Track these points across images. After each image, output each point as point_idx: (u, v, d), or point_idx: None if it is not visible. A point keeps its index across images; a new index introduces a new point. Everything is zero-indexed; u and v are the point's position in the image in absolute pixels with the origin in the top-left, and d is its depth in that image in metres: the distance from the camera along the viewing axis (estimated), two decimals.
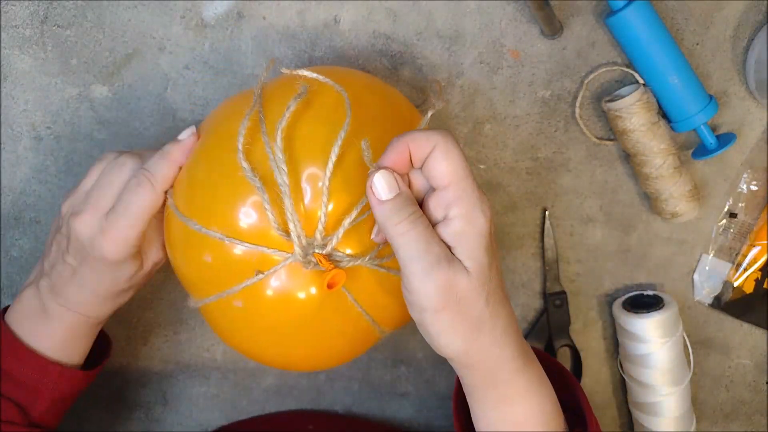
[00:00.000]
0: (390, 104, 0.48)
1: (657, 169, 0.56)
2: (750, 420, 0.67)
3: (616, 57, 0.57)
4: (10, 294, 0.63)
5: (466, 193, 0.38)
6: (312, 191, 0.43)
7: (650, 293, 0.62)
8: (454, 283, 0.37)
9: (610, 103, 0.55)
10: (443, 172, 0.38)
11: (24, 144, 0.59)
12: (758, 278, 0.62)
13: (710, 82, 0.58)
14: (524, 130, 0.59)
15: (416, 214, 0.38)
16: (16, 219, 0.61)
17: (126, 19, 0.56)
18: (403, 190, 0.39)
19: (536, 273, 0.63)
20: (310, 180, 0.43)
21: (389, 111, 0.47)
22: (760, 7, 0.56)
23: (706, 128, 0.56)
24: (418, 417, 0.67)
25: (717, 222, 0.61)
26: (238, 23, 0.56)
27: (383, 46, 0.57)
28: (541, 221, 0.61)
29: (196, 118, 0.58)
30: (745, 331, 0.64)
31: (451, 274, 0.37)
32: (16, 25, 0.56)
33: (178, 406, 0.66)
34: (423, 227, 0.38)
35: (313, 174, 0.43)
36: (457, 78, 0.58)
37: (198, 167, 0.46)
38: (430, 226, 0.39)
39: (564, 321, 0.63)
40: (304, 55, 0.57)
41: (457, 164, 0.38)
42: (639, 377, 0.60)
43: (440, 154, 0.38)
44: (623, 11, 0.52)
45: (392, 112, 0.48)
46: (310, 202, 0.43)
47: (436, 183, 0.39)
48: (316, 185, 0.43)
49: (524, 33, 0.56)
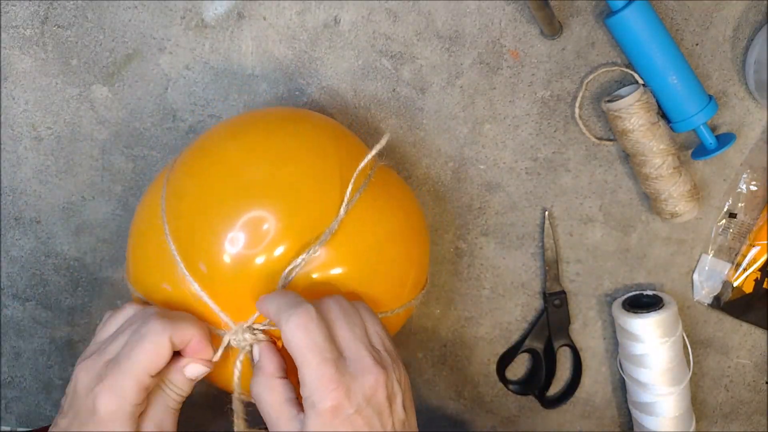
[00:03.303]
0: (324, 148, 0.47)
1: (656, 169, 0.56)
2: (750, 420, 0.67)
3: (616, 57, 0.57)
4: (10, 294, 0.63)
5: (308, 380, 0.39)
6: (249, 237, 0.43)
7: (650, 293, 0.62)
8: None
9: (610, 104, 0.55)
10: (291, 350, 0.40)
11: (24, 144, 0.59)
12: (758, 278, 0.62)
13: (710, 83, 0.58)
14: (524, 130, 0.59)
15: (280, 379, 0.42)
16: (16, 219, 0.61)
17: (126, 19, 0.56)
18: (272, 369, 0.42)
19: (536, 273, 0.63)
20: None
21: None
22: (760, 7, 0.56)
23: (705, 128, 0.56)
24: (418, 417, 0.67)
25: (716, 222, 0.61)
26: (238, 23, 0.56)
27: (383, 46, 0.57)
28: (540, 221, 0.61)
29: (196, 119, 0.58)
30: (744, 331, 0.64)
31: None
32: (16, 25, 0.56)
33: None
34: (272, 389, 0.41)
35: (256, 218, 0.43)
36: (457, 78, 0.58)
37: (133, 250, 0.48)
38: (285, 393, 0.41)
39: (564, 321, 0.63)
40: (304, 56, 0.57)
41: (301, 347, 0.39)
42: (638, 377, 0.61)
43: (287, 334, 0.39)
44: (623, 11, 0.52)
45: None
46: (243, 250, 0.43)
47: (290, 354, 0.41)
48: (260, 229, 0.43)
49: (524, 33, 0.56)
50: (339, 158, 0.45)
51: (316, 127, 0.48)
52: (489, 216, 0.61)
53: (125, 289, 0.63)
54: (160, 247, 0.45)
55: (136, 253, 0.47)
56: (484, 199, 0.61)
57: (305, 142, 0.46)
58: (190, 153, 0.48)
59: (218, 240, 0.43)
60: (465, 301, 0.64)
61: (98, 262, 0.62)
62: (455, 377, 0.66)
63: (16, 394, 0.67)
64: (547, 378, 0.64)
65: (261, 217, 0.43)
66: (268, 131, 0.47)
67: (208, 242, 0.43)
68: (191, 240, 0.43)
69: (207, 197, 0.44)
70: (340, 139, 0.48)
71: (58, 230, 0.61)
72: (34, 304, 0.64)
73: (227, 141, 0.47)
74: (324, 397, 0.38)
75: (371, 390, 0.40)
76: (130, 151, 0.59)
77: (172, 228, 0.44)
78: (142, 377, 0.41)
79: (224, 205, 0.43)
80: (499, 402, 0.67)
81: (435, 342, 0.65)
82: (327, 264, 0.44)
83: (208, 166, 0.45)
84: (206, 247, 0.43)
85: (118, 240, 0.62)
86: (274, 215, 0.43)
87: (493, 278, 0.63)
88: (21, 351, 0.66)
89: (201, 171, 0.46)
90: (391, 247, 0.47)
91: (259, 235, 0.43)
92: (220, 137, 0.48)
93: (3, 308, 0.64)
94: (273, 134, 0.47)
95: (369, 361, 0.40)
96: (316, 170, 0.45)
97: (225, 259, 0.43)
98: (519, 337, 0.65)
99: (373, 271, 0.46)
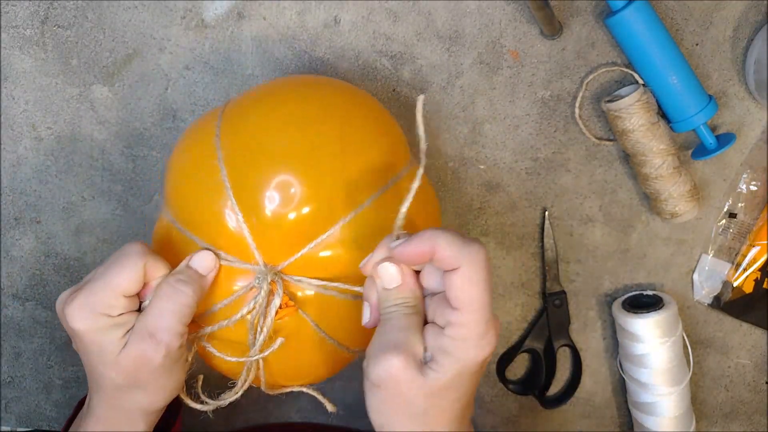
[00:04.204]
0: (377, 121, 0.48)
1: (656, 169, 0.56)
2: (750, 420, 0.67)
3: (616, 57, 0.57)
4: (10, 294, 0.63)
5: (470, 325, 0.37)
6: (282, 197, 0.43)
7: (650, 293, 0.62)
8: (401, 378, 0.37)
9: (610, 104, 0.55)
10: (459, 297, 0.37)
11: (24, 144, 0.59)
12: (758, 278, 0.62)
13: (710, 83, 0.58)
14: (524, 130, 0.59)
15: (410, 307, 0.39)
16: (16, 219, 0.61)
17: (126, 19, 0.56)
18: (406, 282, 0.39)
19: (536, 273, 0.63)
20: (280, 187, 0.43)
21: (375, 128, 0.47)
22: (760, 7, 0.56)
23: (705, 128, 0.56)
24: None
25: (716, 222, 0.61)
26: (238, 23, 0.56)
27: (383, 46, 0.57)
28: (540, 221, 0.61)
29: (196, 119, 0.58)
30: (744, 331, 0.64)
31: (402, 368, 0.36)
32: (16, 25, 0.56)
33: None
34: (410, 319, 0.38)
35: (285, 181, 0.43)
36: (457, 78, 0.58)
37: (181, 181, 0.47)
38: (419, 322, 0.38)
39: (564, 321, 0.63)
40: (304, 56, 0.57)
41: (475, 295, 0.36)
42: (638, 377, 0.61)
43: (464, 278, 0.36)
44: (623, 11, 0.52)
45: (379, 131, 0.47)
46: (278, 208, 0.44)
47: (450, 295, 0.37)
48: (288, 192, 0.43)
49: (524, 33, 0.56)
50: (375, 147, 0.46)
51: (344, 92, 0.49)
52: (489, 216, 0.61)
53: None
54: (214, 185, 0.45)
55: (185, 185, 0.47)
56: (484, 199, 0.61)
57: (330, 109, 0.47)
58: (247, 101, 0.48)
59: (261, 194, 0.43)
60: None
61: (98, 262, 0.62)
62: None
63: (16, 394, 0.67)
64: (547, 378, 0.64)
65: (288, 182, 0.43)
66: (294, 98, 0.48)
67: (254, 194, 0.44)
68: (244, 185, 0.44)
69: (255, 152, 0.44)
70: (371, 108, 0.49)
71: (58, 230, 0.61)
72: (34, 304, 0.64)
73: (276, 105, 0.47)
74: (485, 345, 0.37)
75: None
76: (130, 151, 0.59)
77: (228, 170, 0.45)
78: (115, 293, 0.41)
79: (259, 167, 0.44)
80: (499, 402, 0.67)
81: None
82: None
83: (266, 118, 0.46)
84: (252, 199, 0.44)
85: (118, 240, 0.62)
86: (298, 180, 0.43)
87: (494, 278, 0.63)
88: (21, 351, 0.66)
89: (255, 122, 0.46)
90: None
91: (288, 197, 0.43)
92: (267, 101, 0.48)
93: (3, 308, 0.64)
94: (302, 101, 0.47)
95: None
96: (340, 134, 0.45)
97: (266, 212, 0.43)
98: (519, 337, 0.65)
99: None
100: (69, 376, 0.66)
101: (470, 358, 0.37)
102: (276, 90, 0.48)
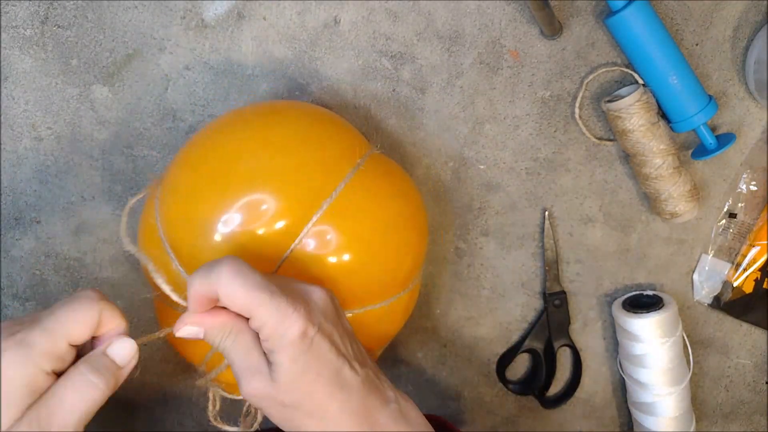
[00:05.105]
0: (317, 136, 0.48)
1: (656, 170, 0.56)
2: (750, 420, 0.67)
3: (616, 57, 0.57)
4: (10, 294, 0.63)
5: (263, 318, 0.38)
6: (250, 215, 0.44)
7: (650, 293, 0.62)
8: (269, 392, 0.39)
9: (610, 104, 0.55)
10: (235, 304, 0.39)
11: (24, 144, 0.59)
12: (758, 278, 0.62)
13: (710, 83, 0.58)
14: (524, 130, 0.59)
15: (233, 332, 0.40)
16: (16, 219, 0.61)
17: (126, 19, 0.56)
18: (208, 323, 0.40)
19: (536, 273, 0.63)
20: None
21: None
22: (760, 7, 0.56)
23: (705, 128, 0.56)
24: None
25: (716, 222, 0.61)
26: (238, 23, 0.56)
27: (383, 46, 0.57)
28: (540, 221, 0.61)
29: (196, 119, 0.58)
30: (744, 331, 0.64)
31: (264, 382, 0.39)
32: (16, 25, 0.56)
33: (178, 406, 0.66)
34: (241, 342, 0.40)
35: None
36: (457, 78, 0.58)
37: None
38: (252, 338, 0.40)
39: (564, 321, 0.63)
40: (304, 56, 0.57)
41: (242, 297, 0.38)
42: (638, 377, 0.61)
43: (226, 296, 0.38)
44: (623, 11, 0.52)
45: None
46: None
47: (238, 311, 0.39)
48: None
49: (524, 33, 0.56)
50: (327, 145, 0.47)
51: (304, 115, 0.49)
52: (489, 216, 0.61)
53: (125, 289, 0.63)
54: (157, 246, 0.46)
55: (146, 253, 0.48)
56: (484, 199, 0.61)
57: (293, 131, 0.47)
58: (182, 151, 0.49)
59: (212, 221, 0.44)
60: (465, 301, 0.64)
61: (98, 262, 0.62)
62: (455, 377, 0.66)
63: None
64: (547, 378, 0.64)
65: (258, 200, 0.44)
66: (260, 123, 0.48)
67: (200, 224, 0.44)
68: (183, 225, 0.45)
69: (200, 185, 0.45)
70: (330, 126, 0.49)
71: (58, 230, 0.61)
72: (34, 304, 0.64)
73: (217, 134, 0.48)
74: (290, 325, 0.38)
75: (323, 302, 0.41)
76: (130, 151, 0.59)
77: (163, 220, 0.46)
78: (59, 339, 0.36)
79: (216, 192, 0.44)
80: (499, 402, 0.67)
81: (435, 342, 0.65)
82: (321, 247, 0.45)
83: (202, 157, 0.47)
84: (198, 229, 0.44)
85: (118, 240, 0.62)
86: (271, 197, 0.44)
87: (493, 278, 0.63)
88: None
89: (193, 162, 0.47)
90: (385, 234, 0.47)
91: (257, 215, 0.44)
92: (211, 132, 0.49)
93: (3, 308, 0.64)
94: (265, 125, 0.48)
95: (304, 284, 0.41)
96: (306, 158, 0.46)
97: (216, 238, 0.44)
98: (519, 337, 0.65)
99: (368, 258, 0.47)
100: None
101: (286, 343, 0.38)
102: (231, 117, 0.50)
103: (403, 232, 0.49)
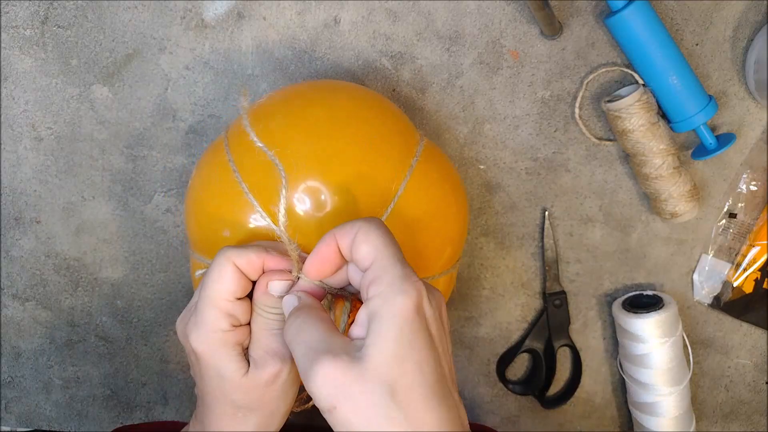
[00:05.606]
0: (382, 121, 0.49)
1: (656, 170, 0.56)
2: (750, 420, 0.67)
3: (616, 57, 0.57)
4: (10, 294, 0.63)
5: (385, 270, 0.35)
6: (312, 201, 0.45)
7: (650, 293, 0.62)
8: (343, 379, 0.33)
9: (610, 104, 0.55)
10: (363, 254, 0.36)
11: (24, 144, 0.59)
12: (758, 278, 0.62)
13: (710, 83, 0.58)
14: (524, 130, 0.59)
15: (309, 313, 0.37)
16: (16, 219, 0.61)
17: (126, 19, 0.56)
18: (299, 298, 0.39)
19: (536, 273, 0.63)
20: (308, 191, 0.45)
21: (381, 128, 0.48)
22: (760, 7, 0.56)
23: (705, 128, 0.56)
24: None
25: (716, 222, 0.61)
26: (238, 23, 0.56)
27: (383, 46, 0.57)
28: (540, 221, 0.61)
29: (196, 119, 0.58)
30: (744, 331, 0.64)
31: (337, 366, 0.33)
32: (16, 25, 0.56)
33: (178, 406, 0.66)
34: (313, 323, 0.36)
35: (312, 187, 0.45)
36: (457, 78, 0.58)
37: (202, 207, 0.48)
38: (329, 318, 0.38)
39: (564, 321, 0.63)
40: (304, 56, 0.57)
41: (377, 243, 0.36)
42: (638, 377, 0.61)
43: (361, 237, 0.37)
44: (623, 11, 0.52)
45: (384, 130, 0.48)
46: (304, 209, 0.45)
47: (361, 266, 0.37)
48: (318, 198, 0.44)
49: (524, 33, 0.56)
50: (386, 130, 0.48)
51: (375, 96, 0.51)
52: (489, 216, 0.61)
53: (125, 288, 0.63)
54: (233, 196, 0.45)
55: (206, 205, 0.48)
56: (484, 199, 0.61)
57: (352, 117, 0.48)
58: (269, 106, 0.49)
59: (290, 196, 0.44)
60: (465, 301, 0.64)
61: (98, 262, 0.62)
62: (455, 377, 0.66)
63: (16, 394, 0.67)
64: (547, 378, 0.64)
65: (317, 188, 0.44)
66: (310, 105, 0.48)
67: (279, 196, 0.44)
68: (266, 190, 0.45)
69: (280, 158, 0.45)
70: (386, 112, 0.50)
71: (58, 230, 0.61)
72: (34, 304, 0.64)
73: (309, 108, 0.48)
74: (409, 288, 0.34)
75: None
76: (130, 151, 0.59)
77: (246, 179, 0.45)
78: (219, 303, 0.40)
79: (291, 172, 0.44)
80: (499, 402, 0.67)
81: None
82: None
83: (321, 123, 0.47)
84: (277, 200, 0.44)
85: (118, 240, 0.62)
86: (328, 188, 0.44)
87: (493, 278, 0.63)
88: (21, 351, 0.66)
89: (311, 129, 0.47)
90: (433, 221, 0.48)
91: (319, 203, 0.44)
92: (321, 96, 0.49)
93: (3, 308, 0.64)
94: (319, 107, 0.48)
95: (416, 278, 0.36)
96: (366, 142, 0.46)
97: (298, 211, 0.44)
98: (519, 337, 0.65)
99: (416, 243, 0.47)
100: (69, 376, 0.66)
101: (399, 307, 0.34)
102: (290, 97, 0.49)
103: (447, 220, 0.50)
